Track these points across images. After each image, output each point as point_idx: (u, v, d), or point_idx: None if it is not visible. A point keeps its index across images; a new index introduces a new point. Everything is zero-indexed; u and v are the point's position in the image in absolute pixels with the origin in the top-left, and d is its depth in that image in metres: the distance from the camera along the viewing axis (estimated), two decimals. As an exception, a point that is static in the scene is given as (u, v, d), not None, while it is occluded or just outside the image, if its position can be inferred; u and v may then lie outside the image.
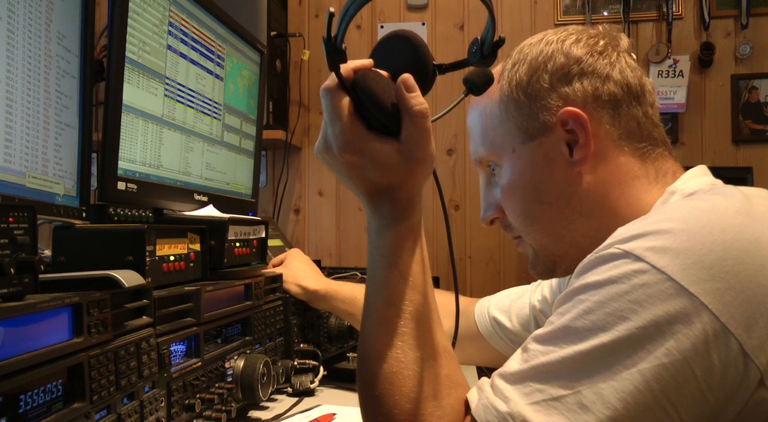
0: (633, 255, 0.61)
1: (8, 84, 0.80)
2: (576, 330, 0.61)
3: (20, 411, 0.58)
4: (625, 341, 0.58)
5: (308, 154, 2.65)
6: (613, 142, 0.80)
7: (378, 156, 0.68)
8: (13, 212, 0.61)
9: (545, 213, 0.83)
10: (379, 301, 0.70)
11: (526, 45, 0.85)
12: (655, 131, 0.82)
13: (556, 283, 1.12)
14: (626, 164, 0.80)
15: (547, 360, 0.61)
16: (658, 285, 0.58)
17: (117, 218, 1.01)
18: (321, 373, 1.25)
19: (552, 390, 0.60)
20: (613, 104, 0.80)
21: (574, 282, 0.65)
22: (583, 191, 0.81)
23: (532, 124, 0.81)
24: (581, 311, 0.61)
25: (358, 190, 0.72)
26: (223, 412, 0.92)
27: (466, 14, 2.60)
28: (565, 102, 0.80)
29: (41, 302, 0.60)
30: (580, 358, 0.60)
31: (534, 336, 0.65)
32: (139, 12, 1.07)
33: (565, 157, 0.80)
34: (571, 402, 0.58)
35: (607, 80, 0.80)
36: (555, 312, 0.65)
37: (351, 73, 0.69)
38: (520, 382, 0.62)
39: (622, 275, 0.60)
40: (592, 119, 0.79)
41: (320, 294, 1.30)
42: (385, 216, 0.71)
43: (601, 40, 0.82)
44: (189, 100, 1.26)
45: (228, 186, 1.47)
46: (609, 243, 0.64)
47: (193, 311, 0.93)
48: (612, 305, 0.59)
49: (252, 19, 2.18)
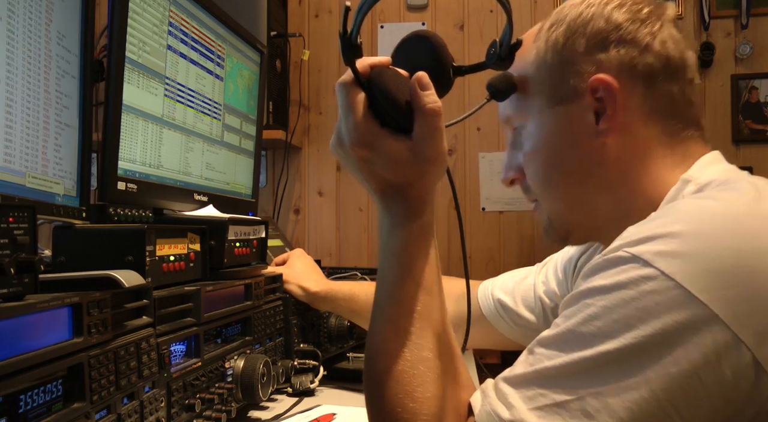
0: (642, 259, 0.59)
1: (8, 84, 0.80)
2: (581, 336, 0.59)
3: (20, 411, 0.58)
4: (632, 349, 0.57)
5: (308, 154, 2.65)
6: (642, 116, 0.77)
7: (389, 152, 0.67)
8: (13, 212, 0.61)
9: (564, 181, 0.81)
10: (388, 300, 0.69)
11: (567, 5, 0.82)
12: (690, 111, 0.79)
13: (561, 265, 1.10)
14: (653, 141, 0.77)
15: (552, 365, 0.60)
16: (667, 292, 0.56)
17: (117, 218, 1.01)
18: (321, 373, 1.25)
19: (555, 396, 0.58)
20: (649, 77, 0.76)
21: (581, 283, 0.63)
22: (606, 163, 0.78)
23: (562, 88, 0.79)
24: (587, 316, 0.60)
25: (370, 187, 0.72)
26: (223, 412, 0.92)
27: (466, 14, 2.60)
28: (598, 69, 0.76)
29: (41, 302, 0.60)
30: (584, 365, 0.58)
31: (540, 339, 0.63)
32: (139, 12, 1.07)
33: (591, 125, 0.77)
34: (575, 409, 0.57)
35: (646, 51, 0.76)
36: (561, 314, 0.63)
37: (367, 68, 0.68)
38: (524, 386, 0.61)
39: (629, 280, 0.58)
40: (624, 90, 0.76)
41: (321, 295, 1.31)
42: (397, 215, 0.70)
43: (646, 7, 0.78)
44: (189, 100, 1.26)
45: (228, 186, 1.47)
46: (617, 246, 0.62)
47: (193, 311, 0.93)
48: (619, 311, 0.58)
49: (252, 19, 2.18)
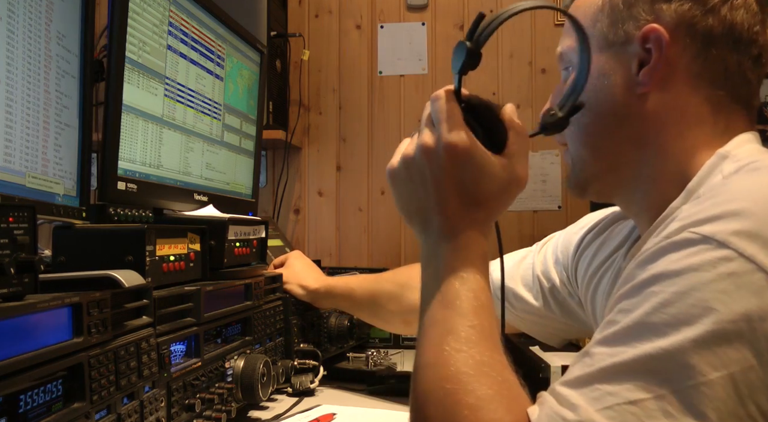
0: (715, 240, 0.53)
1: (8, 84, 0.80)
2: (653, 326, 0.53)
3: (20, 411, 0.58)
4: (714, 336, 0.50)
5: (308, 154, 2.65)
6: (689, 77, 0.72)
7: (483, 162, 0.67)
8: (13, 212, 0.61)
9: (594, 126, 0.78)
10: (447, 312, 0.65)
11: None
12: (743, 88, 0.74)
13: (561, 244, 1.07)
14: (695, 106, 0.73)
15: (620, 360, 0.53)
16: (749, 275, 0.51)
17: (117, 218, 1.01)
18: (321, 373, 1.25)
19: (627, 393, 0.51)
20: (706, 39, 0.72)
21: (637, 273, 0.58)
22: (640, 117, 0.74)
23: (615, 32, 0.75)
24: (657, 304, 0.53)
25: (444, 200, 0.69)
26: (223, 412, 0.92)
27: (466, 14, 2.60)
28: (656, 18, 0.72)
29: (41, 302, 0.60)
30: (660, 356, 0.51)
31: (597, 340, 0.57)
32: (139, 12, 1.07)
33: (632, 74, 0.74)
34: (653, 408, 0.50)
35: (711, 13, 0.71)
36: (616, 309, 0.57)
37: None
38: (587, 385, 0.54)
39: (703, 263, 0.53)
40: (675, 46, 0.72)
41: (321, 292, 1.32)
42: (461, 234, 0.68)
43: None
44: (189, 100, 1.26)
45: (228, 186, 1.47)
46: (680, 227, 0.57)
47: (193, 311, 0.93)
48: (695, 295, 0.52)
49: (252, 19, 2.18)
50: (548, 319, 1.08)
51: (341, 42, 2.63)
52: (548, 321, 1.08)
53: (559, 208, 2.44)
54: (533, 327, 1.12)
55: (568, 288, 1.04)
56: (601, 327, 0.58)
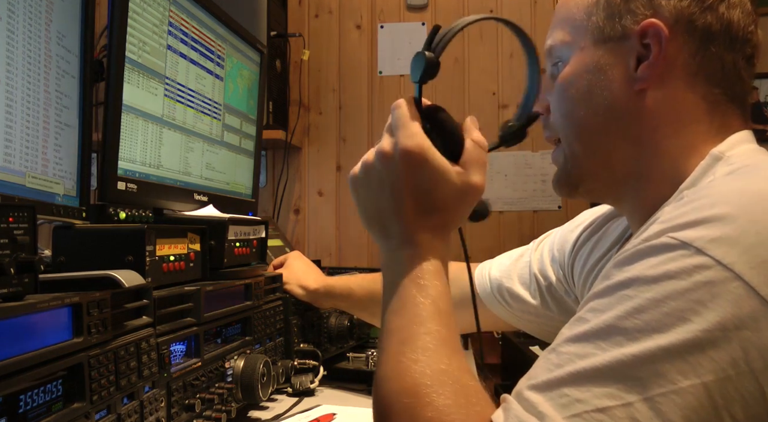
0: (693, 247, 0.53)
1: (8, 84, 0.80)
2: (624, 331, 0.52)
3: (20, 411, 0.58)
4: (686, 345, 0.50)
5: (308, 154, 2.65)
6: (687, 74, 0.72)
7: (439, 168, 0.67)
8: (13, 212, 0.61)
9: (589, 121, 0.77)
10: (403, 320, 0.66)
11: None
12: (738, 85, 0.73)
13: (558, 241, 1.07)
14: (692, 104, 0.72)
15: (589, 365, 0.52)
16: (726, 284, 0.51)
17: (117, 218, 1.01)
18: (321, 373, 1.25)
19: (596, 401, 0.51)
20: (705, 37, 0.71)
21: (613, 272, 0.57)
22: (637, 113, 0.73)
23: (612, 26, 0.74)
24: (631, 309, 0.53)
25: (401, 205, 0.69)
26: (223, 412, 0.92)
27: (466, 14, 2.60)
28: (654, 14, 0.72)
29: (41, 302, 0.60)
30: (630, 362, 0.51)
31: (565, 337, 0.56)
32: (139, 12, 1.07)
33: (629, 70, 0.73)
34: (621, 416, 0.50)
35: (710, 10, 0.71)
36: (588, 307, 0.57)
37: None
38: (555, 391, 0.53)
39: (680, 270, 0.52)
40: (674, 42, 0.71)
41: (321, 292, 1.32)
42: (419, 240, 0.68)
43: None
44: (189, 100, 1.26)
45: (228, 186, 1.47)
46: (659, 231, 0.56)
47: (193, 311, 0.93)
48: (670, 304, 0.51)
49: (252, 19, 2.18)
50: (546, 317, 1.08)
51: (341, 42, 2.63)
52: (546, 319, 1.08)
53: (559, 208, 2.44)
54: (531, 326, 1.12)
55: (565, 286, 1.04)
56: (570, 324, 0.57)
